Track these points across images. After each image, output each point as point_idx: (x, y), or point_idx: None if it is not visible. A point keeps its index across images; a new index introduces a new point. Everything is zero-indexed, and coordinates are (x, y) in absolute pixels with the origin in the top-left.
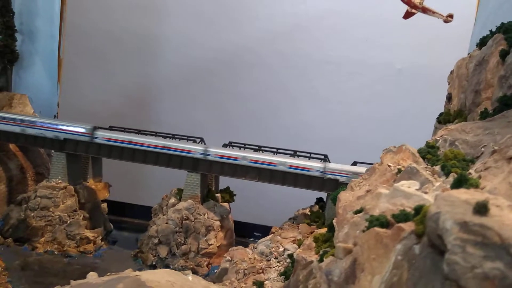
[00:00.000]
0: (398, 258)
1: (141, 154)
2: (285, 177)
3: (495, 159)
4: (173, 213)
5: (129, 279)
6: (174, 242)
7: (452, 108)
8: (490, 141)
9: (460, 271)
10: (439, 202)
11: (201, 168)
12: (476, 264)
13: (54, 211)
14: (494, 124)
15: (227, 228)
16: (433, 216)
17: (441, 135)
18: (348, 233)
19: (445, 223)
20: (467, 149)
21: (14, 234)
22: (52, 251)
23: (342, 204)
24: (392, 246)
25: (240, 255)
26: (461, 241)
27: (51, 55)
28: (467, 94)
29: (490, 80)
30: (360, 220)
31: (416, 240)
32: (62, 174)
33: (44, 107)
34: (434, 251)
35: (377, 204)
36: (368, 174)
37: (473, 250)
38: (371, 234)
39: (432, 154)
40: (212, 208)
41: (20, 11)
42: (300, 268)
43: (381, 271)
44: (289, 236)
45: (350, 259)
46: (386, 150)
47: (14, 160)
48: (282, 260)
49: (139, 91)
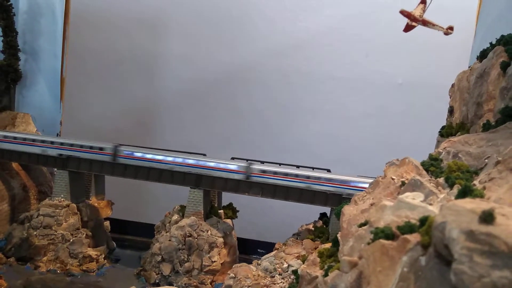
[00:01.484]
0: (404, 270)
1: (145, 171)
2: (288, 192)
3: (499, 170)
4: (176, 230)
5: None
6: (177, 259)
7: (454, 121)
8: (494, 152)
9: (468, 280)
10: (445, 212)
11: (203, 184)
12: (484, 273)
13: (57, 229)
14: (497, 135)
15: (230, 245)
16: (439, 226)
17: (444, 148)
18: (353, 247)
19: (451, 233)
20: (471, 160)
21: (17, 253)
22: (55, 270)
23: (346, 218)
24: (398, 258)
25: (244, 272)
26: (468, 250)
27: (54, 74)
28: (469, 107)
29: (491, 92)
30: (365, 233)
31: (422, 252)
32: (65, 192)
33: (47, 125)
34: (441, 261)
35: (382, 216)
36: (372, 188)
37: (480, 259)
38: (376, 247)
39: (436, 167)
40: (215, 224)
41: (23, 31)
42: (305, 284)
43: (387, 284)
44: (293, 252)
45: (356, 273)
46: (389, 163)
47: (16, 178)
48: (286, 277)
49: (141, 110)
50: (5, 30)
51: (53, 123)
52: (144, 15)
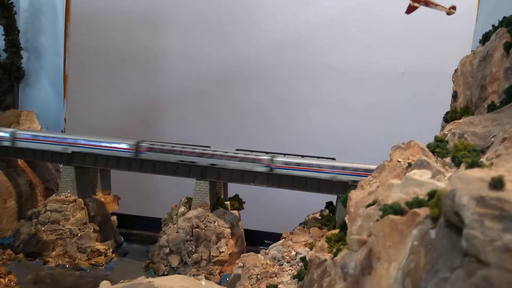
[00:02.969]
0: (415, 243)
1: (151, 164)
2: (294, 182)
3: (506, 146)
4: (183, 222)
5: (142, 285)
6: (185, 250)
7: (458, 105)
8: (500, 131)
9: (479, 245)
10: (454, 181)
11: (209, 176)
12: (495, 237)
13: (65, 224)
14: (502, 115)
15: (237, 236)
16: (449, 194)
17: (449, 129)
18: (361, 226)
19: (461, 199)
20: (477, 140)
21: (25, 249)
22: (64, 264)
23: (353, 202)
24: (407, 232)
25: (252, 261)
26: (479, 216)
27: (56, 71)
28: (472, 90)
29: (495, 73)
30: (373, 212)
31: (432, 225)
32: (71, 188)
33: (51, 123)
34: (451, 230)
35: (390, 194)
36: (378, 172)
37: (491, 224)
38: (385, 222)
39: (442, 148)
40: (222, 215)
41: (25, 29)
42: (314, 267)
43: (397, 258)
44: (300, 240)
45: (365, 250)
46: (395, 147)
47: (23, 176)
48: (294, 264)
49: (145, 105)
50: (6, 29)
51: (57, 120)
52: (145, 12)
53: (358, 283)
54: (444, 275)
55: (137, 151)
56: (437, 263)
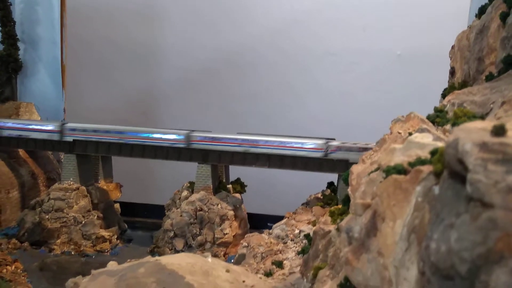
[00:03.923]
0: (419, 200)
1: (152, 150)
2: (295, 162)
3: (505, 109)
4: (187, 205)
5: (149, 263)
6: (190, 233)
7: (456, 81)
8: (498, 97)
9: (483, 188)
10: (457, 132)
11: (211, 159)
12: (499, 179)
13: (68, 212)
14: (500, 83)
15: (241, 218)
16: (451, 144)
17: (448, 100)
18: (365, 191)
19: (464, 146)
20: (476, 108)
21: (30, 238)
22: (69, 251)
23: (355, 176)
24: (411, 190)
25: (256, 240)
26: (482, 160)
27: (54, 62)
28: (470, 64)
29: (492, 44)
30: (376, 177)
31: (435, 181)
32: (73, 176)
33: (50, 113)
34: (455, 181)
35: (392, 158)
36: (379, 146)
37: (494, 167)
38: (389, 182)
39: (441, 117)
40: (225, 198)
41: (21, 20)
42: (319, 239)
43: (402, 216)
44: (303, 219)
45: (369, 213)
46: (395, 120)
47: (25, 166)
48: (298, 242)
49: (144, 95)
50: (2, 20)
51: (57, 111)
52: (141, 2)
53: (364, 245)
54: (449, 222)
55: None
56: (442, 213)
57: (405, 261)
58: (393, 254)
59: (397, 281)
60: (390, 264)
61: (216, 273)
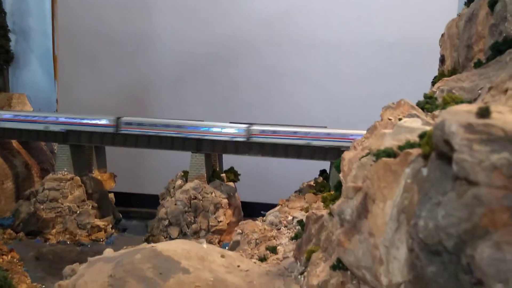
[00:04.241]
0: (408, 181)
1: (145, 139)
2: (287, 150)
3: (492, 94)
4: (181, 194)
5: (145, 250)
6: (184, 222)
7: (445, 68)
8: (486, 83)
9: (468, 167)
10: (444, 114)
11: (204, 148)
12: (483, 158)
13: (63, 202)
14: (488, 70)
15: (234, 206)
16: (438, 125)
17: (437, 87)
18: (356, 175)
19: (451, 128)
20: (464, 94)
21: (26, 228)
22: (65, 241)
23: (347, 162)
24: (401, 172)
25: (250, 227)
26: (468, 141)
27: (46, 53)
28: (459, 51)
29: (481, 32)
30: (367, 161)
31: (424, 163)
32: (67, 166)
33: (43, 104)
34: (442, 162)
35: (382, 143)
36: (370, 132)
37: (479, 147)
38: (379, 165)
39: (431, 104)
40: (218, 187)
41: (12, 11)
42: (311, 223)
43: (392, 197)
44: (296, 206)
45: (361, 196)
46: (385, 107)
47: (18, 157)
48: (292, 228)
49: (136, 85)
50: None
51: (49, 102)
52: None
53: (355, 227)
54: (436, 200)
55: None
56: (430, 192)
57: (395, 241)
58: (384, 234)
59: (388, 260)
60: (381, 244)
61: (211, 258)
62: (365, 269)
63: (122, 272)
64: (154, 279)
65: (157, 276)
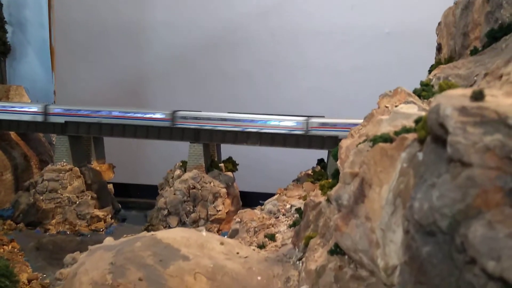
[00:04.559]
0: (404, 165)
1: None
2: (286, 139)
3: (487, 80)
4: (180, 184)
5: (145, 238)
6: (183, 211)
7: (442, 57)
8: (482, 70)
9: (462, 148)
10: (438, 98)
11: (202, 138)
12: (477, 140)
13: (63, 192)
14: (484, 57)
15: (233, 195)
16: (433, 109)
17: (434, 74)
18: (353, 161)
19: (445, 111)
20: (460, 81)
21: (25, 218)
22: (65, 231)
23: (344, 150)
24: (397, 156)
25: (249, 216)
26: (462, 124)
27: (42, 44)
28: (456, 39)
29: (477, 19)
30: (363, 147)
31: (419, 147)
32: (66, 157)
33: (40, 96)
34: (437, 145)
35: (379, 129)
36: (367, 120)
37: (473, 129)
38: (376, 150)
39: (427, 91)
40: (217, 177)
41: (8, 3)
42: (309, 210)
43: (388, 181)
44: (294, 194)
45: (358, 181)
46: (382, 95)
47: (17, 149)
48: (290, 216)
49: (134, 75)
50: None
51: (47, 93)
52: None
53: (352, 212)
54: (431, 182)
55: None
56: (425, 174)
57: (392, 224)
58: (380, 218)
59: (384, 243)
60: (377, 228)
61: (210, 245)
62: (362, 252)
63: (123, 259)
64: (154, 266)
65: (157, 263)
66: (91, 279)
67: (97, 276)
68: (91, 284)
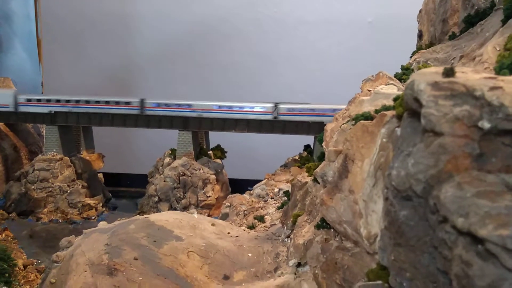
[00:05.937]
0: (384, 140)
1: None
2: (273, 126)
3: (463, 62)
4: (170, 171)
5: (139, 220)
6: (174, 197)
7: (423, 43)
8: (459, 53)
9: (435, 119)
10: (413, 76)
11: (191, 126)
12: (448, 111)
13: (54, 182)
14: (461, 41)
15: (222, 182)
16: (409, 85)
17: (414, 59)
18: (337, 140)
19: (419, 86)
20: (439, 65)
21: (17, 208)
22: (57, 219)
23: (329, 132)
24: (377, 132)
25: (238, 200)
26: (434, 97)
27: (29, 36)
28: (436, 26)
29: (455, 6)
30: (347, 126)
31: (398, 123)
32: (56, 147)
33: (28, 87)
34: (413, 120)
35: (361, 109)
36: (351, 104)
37: (444, 102)
38: (357, 127)
39: (407, 75)
40: (206, 163)
41: None
42: (296, 190)
43: (369, 155)
44: (282, 179)
45: (341, 158)
46: (365, 79)
47: (6, 140)
48: (278, 199)
49: (120, 67)
50: None
51: (35, 85)
52: None
53: (337, 186)
54: (407, 151)
55: None
56: (402, 146)
57: (373, 195)
58: (362, 190)
59: (366, 213)
60: (360, 199)
61: (202, 226)
62: (346, 223)
63: (118, 240)
64: (149, 246)
65: (151, 243)
66: (88, 259)
67: (93, 257)
68: (87, 264)
